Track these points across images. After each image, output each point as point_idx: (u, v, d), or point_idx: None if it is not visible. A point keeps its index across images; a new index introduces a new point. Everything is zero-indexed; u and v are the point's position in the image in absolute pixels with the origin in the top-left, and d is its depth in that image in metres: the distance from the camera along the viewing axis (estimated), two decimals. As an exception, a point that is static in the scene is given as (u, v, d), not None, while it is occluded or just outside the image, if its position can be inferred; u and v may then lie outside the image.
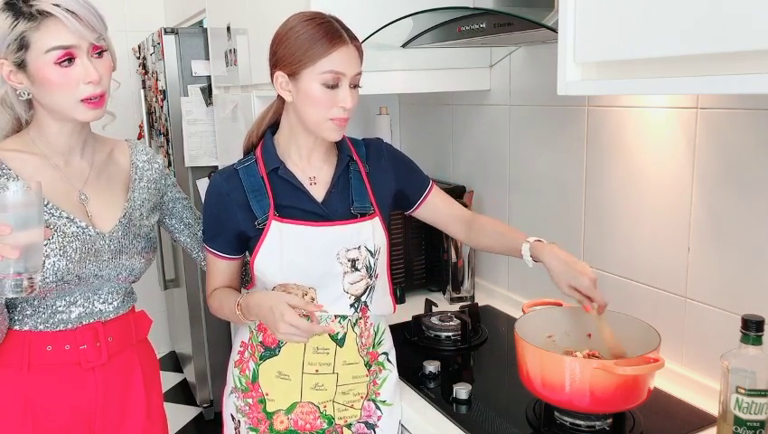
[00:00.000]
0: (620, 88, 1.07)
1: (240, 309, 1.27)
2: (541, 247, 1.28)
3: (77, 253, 1.22)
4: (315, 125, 1.24)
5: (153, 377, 1.44)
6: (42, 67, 1.16)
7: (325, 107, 1.22)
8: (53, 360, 1.25)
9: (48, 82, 1.16)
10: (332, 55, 1.19)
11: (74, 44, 1.16)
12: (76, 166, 1.29)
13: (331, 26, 1.21)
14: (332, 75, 1.20)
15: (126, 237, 1.31)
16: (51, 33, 1.14)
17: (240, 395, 1.36)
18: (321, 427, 1.33)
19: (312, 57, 1.19)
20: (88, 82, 1.17)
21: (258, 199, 1.27)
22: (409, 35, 1.64)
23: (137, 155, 1.40)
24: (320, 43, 1.19)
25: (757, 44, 0.79)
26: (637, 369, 1.14)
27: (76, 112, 1.19)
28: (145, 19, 3.60)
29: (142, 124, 3.43)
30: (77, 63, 1.17)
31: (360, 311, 1.32)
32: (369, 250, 1.30)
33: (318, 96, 1.21)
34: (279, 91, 1.25)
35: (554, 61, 1.08)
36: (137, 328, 1.39)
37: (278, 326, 1.15)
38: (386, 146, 1.43)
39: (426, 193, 1.44)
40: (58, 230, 1.21)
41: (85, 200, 1.28)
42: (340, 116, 1.23)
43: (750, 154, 1.25)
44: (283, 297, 1.19)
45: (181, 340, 3.47)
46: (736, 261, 1.29)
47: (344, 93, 1.22)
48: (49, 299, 1.24)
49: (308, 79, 1.20)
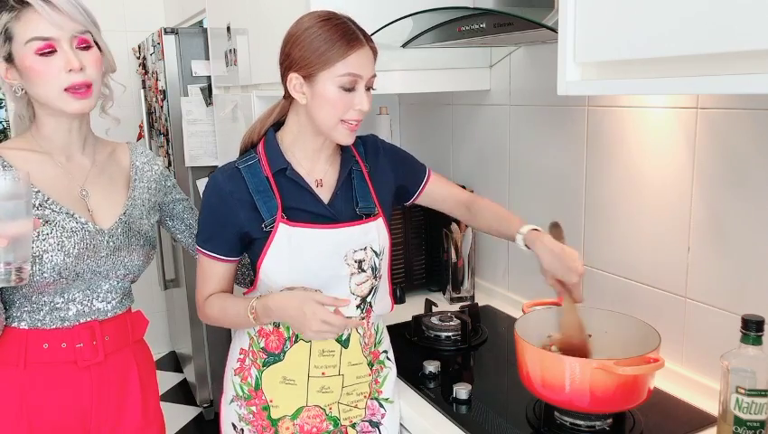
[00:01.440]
0: (620, 88, 1.07)
1: (255, 313, 1.22)
2: (534, 236, 1.30)
3: (75, 248, 1.23)
4: (328, 128, 1.23)
5: (149, 377, 1.43)
6: (24, 58, 1.17)
7: (341, 109, 1.20)
8: (50, 358, 1.25)
9: (31, 72, 1.17)
10: (350, 58, 1.18)
11: (53, 36, 1.16)
12: (77, 163, 1.30)
13: (347, 28, 1.19)
14: (349, 78, 1.18)
15: (126, 234, 1.31)
16: (30, 24, 1.16)
17: (243, 403, 1.33)
18: (327, 429, 1.33)
19: (329, 60, 1.17)
20: (69, 70, 1.17)
21: (265, 200, 1.24)
22: (409, 35, 1.64)
23: (137, 156, 1.42)
24: (337, 46, 1.17)
25: (757, 44, 0.79)
26: (637, 369, 1.14)
27: (61, 102, 1.19)
28: (145, 19, 3.60)
29: (142, 124, 3.43)
30: (58, 53, 1.17)
31: (365, 312, 1.32)
32: (374, 251, 1.30)
33: (334, 98, 1.19)
34: (293, 93, 1.23)
35: (554, 61, 1.08)
36: (134, 328, 1.39)
37: (311, 325, 1.14)
38: (381, 142, 1.42)
39: (424, 183, 1.45)
40: (57, 225, 1.22)
41: (86, 196, 1.29)
42: (354, 118, 1.22)
43: (750, 154, 1.25)
44: (310, 296, 1.17)
45: (181, 340, 3.47)
46: (736, 261, 1.29)
47: (360, 96, 1.21)
48: (47, 295, 1.24)
49: (324, 81, 1.19)
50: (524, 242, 1.31)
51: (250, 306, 1.23)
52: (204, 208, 1.29)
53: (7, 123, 3.85)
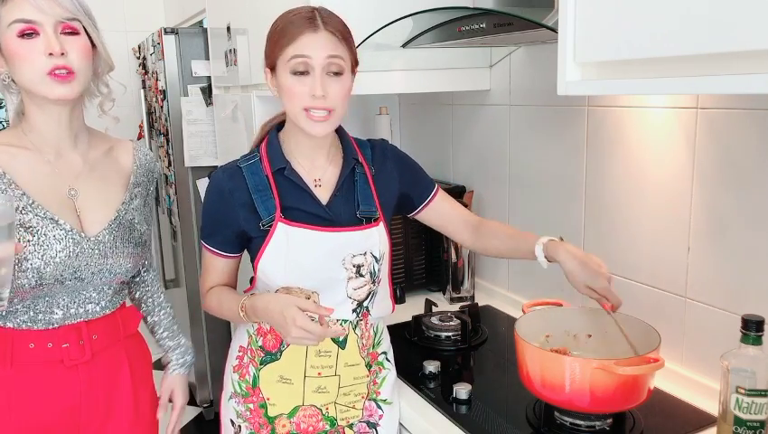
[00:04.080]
0: (620, 88, 1.07)
1: (245, 311, 1.24)
2: (555, 246, 1.25)
3: (57, 256, 1.20)
4: (295, 118, 1.22)
5: (143, 372, 1.40)
6: (6, 40, 1.16)
7: (297, 97, 1.18)
8: (36, 357, 1.23)
9: (13, 55, 1.17)
10: (299, 40, 1.16)
11: (36, 20, 1.15)
12: (67, 159, 1.27)
13: (306, 15, 1.18)
14: (297, 60, 1.16)
15: (115, 240, 1.27)
16: (15, 6, 1.15)
17: (241, 400, 1.34)
18: (323, 429, 1.33)
19: (282, 45, 1.17)
20: (49, 54, 1.16)
21: (264, 199, 1.24)
22: (409, 35, 1.64)
23: (141, 156, 1.39)
24: (289, 31, 1.17)
25: (757, 44, 0.79)
26: (637, 369, 1.14)
27: (43, 86, 1.17)
28: (145, 19, 3.60)
29: (142, 124, 3.43)
30: (40, 36, 1.16)
31: (361, 316, 1.32)
32: (374, 257, 1.29)
33: (289, 85, 1.18)
34: (269, 88, 1.25)
35: (554, 61, 1.08)
36: (125, 324, 1.36)
37: (289, 331, 1.13)
38: (391, 148, 1.41)
39: (430, 198, 1.42)
40: (40, 231, 1.19)
41: (75, 195, 1.25)
42: (312, 105, 1.18)
43: (750, 154, 1.25)
44: (293, 301, 1.16)
45: (181, 340, 3.47)
46: (736, 261, 1.29)
47: (313, 80, 1.17)
48: (30, 301, 1.22)
49: (281, 69, 1.19)
50: (544, 253, 1.26)
51: (241, 303, 1.24)
52: (205, 205, 1.31)
53: (7, 123, 3.84)
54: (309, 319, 1.13)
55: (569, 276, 1.24)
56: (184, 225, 2.95)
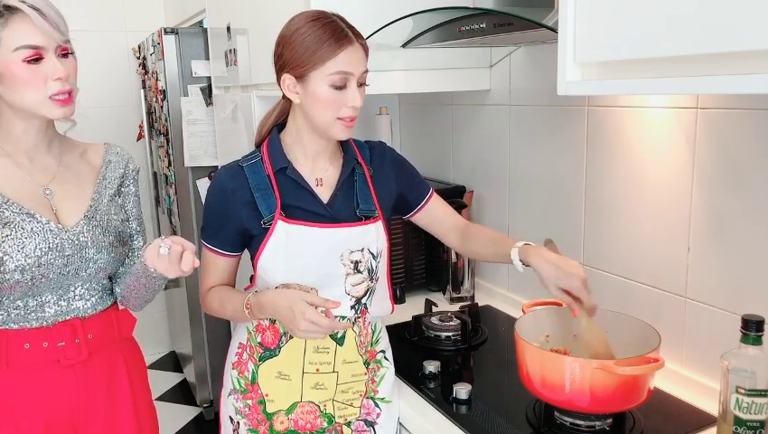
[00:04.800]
0: (620, 88, 1.07)
1: (250, 308, 1.26)
2: (529, 250, 1.26)
3: (37, 249, 1.22)
4: (324, 125, 1.24)
5: (140, 376, 1.43)
6: (9, 64, 1.17)
7: (334, 107, 1.22)
8: (32, 358, 1.24)
9: (16, 79, 1.17)
10: (340, 56, 1.19)
11: (42, 45, 1.17)
12: (41, 163, 1.29)
13: (336, 26, 1.20)
14: (340, 76, 1.20)
15: (92, 231, 1.29)
16: (20, 31, 1.16)
17: (239, 397, 1.35)
18: (321, 426, 1.33)
19: (319, 59, 1.19)
20: (56, 78, 1.18)
21: (265, 198, 1.27)
22: (409, 35, 1.64)
23: (111, 155, 1.41)
24: (327, 44, 1.18)
25: (757, 44, 0.79)
26: (637, 369, 1.14)
27: (45, 109, 1.20)
28: (145, 19, 3.60)
29: (142, 124, 3.43)
30: (45, 61, 1.18)
31: (359, 313, 1.33)
32: (371, 253, 1.31)
33: (327, 97, 1.21)
34: (287, 93, 1.25)
35: (554, 61, 1.08)
36: (120, 326, 1.37)
37: (299, 324, 1.16)
38: (389, 150, 1.43)
39: (425, 200, 1.45)
40: (17, 226, 1.21)
41: (50, 195, 1.28)
42: (349, 114, 1.23)
43: (750, 154, 1.25)
44: (300, 295, 1.19)
45: (181, 340, 3.47)
46: (736, 261, 1.29)
47: (353, 93, 1.22)
48: (18, 298, 1.23)
49: (316, 80, 1.20)
50: (519, 257, 1.27)
51: (246, 300, 1.26)
52: (207, 204, 1.33)
53: None
54: (318, 313, 1.16)
55: (541, 278, 1.23)
56: (184, 225, 2.94)
